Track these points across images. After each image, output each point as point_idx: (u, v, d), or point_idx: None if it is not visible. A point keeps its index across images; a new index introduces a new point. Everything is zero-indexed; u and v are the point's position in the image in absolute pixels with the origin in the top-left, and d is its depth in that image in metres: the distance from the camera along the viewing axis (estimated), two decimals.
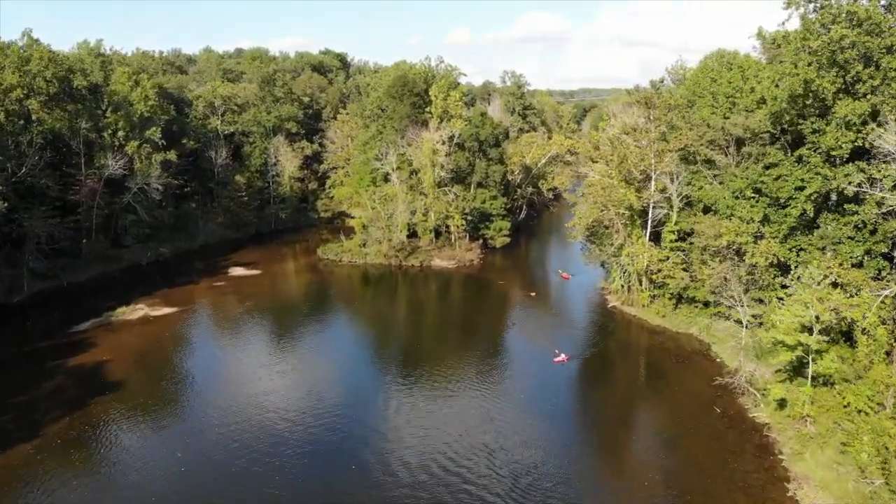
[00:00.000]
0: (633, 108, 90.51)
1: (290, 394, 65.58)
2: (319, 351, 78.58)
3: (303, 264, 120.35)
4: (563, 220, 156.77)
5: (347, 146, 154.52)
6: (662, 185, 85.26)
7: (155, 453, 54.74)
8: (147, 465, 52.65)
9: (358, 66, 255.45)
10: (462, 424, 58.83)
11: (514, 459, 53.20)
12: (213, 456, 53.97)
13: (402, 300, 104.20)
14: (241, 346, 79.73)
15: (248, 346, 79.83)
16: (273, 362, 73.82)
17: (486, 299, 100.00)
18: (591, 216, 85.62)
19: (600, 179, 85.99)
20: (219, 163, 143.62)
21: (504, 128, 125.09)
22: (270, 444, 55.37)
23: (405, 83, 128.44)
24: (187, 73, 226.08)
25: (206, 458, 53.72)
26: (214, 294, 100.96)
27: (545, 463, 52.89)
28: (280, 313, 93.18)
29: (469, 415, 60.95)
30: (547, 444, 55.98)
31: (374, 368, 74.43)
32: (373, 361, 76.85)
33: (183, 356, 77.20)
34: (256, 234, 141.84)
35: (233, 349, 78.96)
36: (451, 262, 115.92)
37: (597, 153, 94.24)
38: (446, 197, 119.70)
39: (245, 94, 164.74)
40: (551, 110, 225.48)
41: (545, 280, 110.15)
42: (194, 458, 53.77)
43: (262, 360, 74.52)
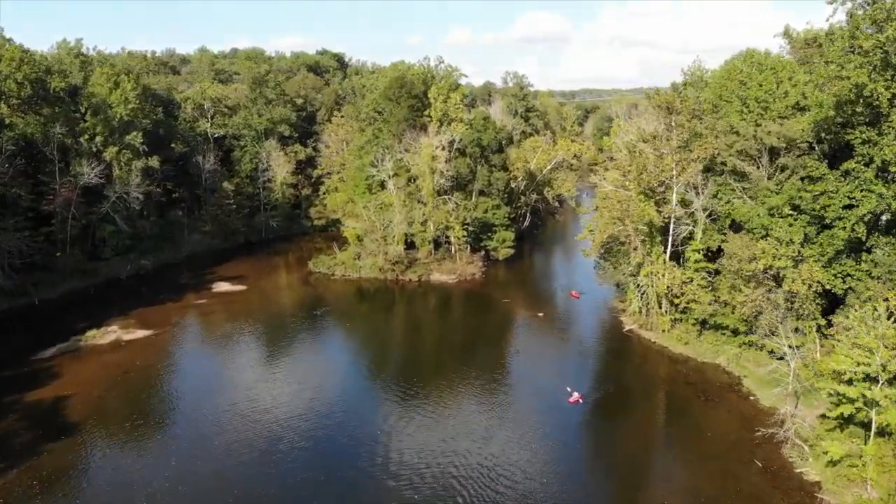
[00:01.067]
0: (647, 112, 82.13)
1: (272, 442, 56.75)
2: (303, 386, 69.52)
3: (293, 278, 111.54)
4: (568, 229, 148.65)
5: (343, 150, 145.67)
6: (682, 197, 76.57)
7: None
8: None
9: (355, 66, 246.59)
10: (460, 488, 50.09)
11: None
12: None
13: (397, 321, 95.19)
14: (217, 380, 70.87)
15: (226, 379, 70.97)
16: (252, 398, 64.97)
17: (489, 320, 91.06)
18: (607, 232, 76.77)
19: (616, 192, 77.19)
20: (207, 168, 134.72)
21: (507, 132, 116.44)
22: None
23: (402, 85, 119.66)
24: (180, 73, 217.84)
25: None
26: (194, 314, 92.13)
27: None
28: (264, 337, 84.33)
29: (465, 469, 52.17)
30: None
31: (359, 412, 65.42)
32: (360, 400, 67.83)
33: (150, 393, 68.15)
34: (246, 244, 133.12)
35: (209, 384, 70.05)
36: (452, 277, 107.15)
37: (612, 162, 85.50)
38: (446, 206, 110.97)
39: (236, 95, 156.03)
40: (554, 112, 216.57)
41: (553, 297, 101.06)
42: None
43: (241, 395, 65.70)
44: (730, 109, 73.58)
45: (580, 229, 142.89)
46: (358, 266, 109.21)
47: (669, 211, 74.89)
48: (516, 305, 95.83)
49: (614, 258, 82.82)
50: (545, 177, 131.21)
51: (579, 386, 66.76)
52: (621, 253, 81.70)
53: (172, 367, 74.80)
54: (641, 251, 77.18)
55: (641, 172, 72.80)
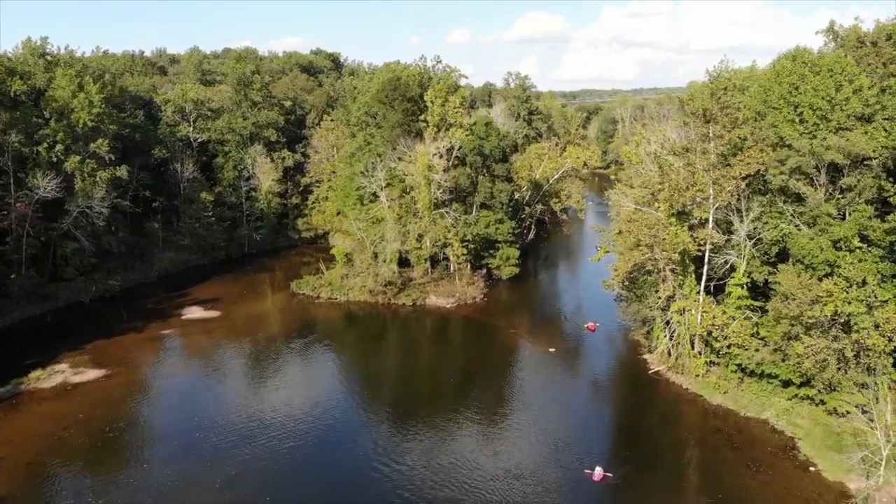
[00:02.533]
0: (667, 117, 69.89)
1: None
2: (269, 453, 57.32)
3: (273, 301, 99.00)
4: (577, 243, 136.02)
5: (333, 157, 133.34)
6: (720, 220, 64.49)
7: None
8: None
9: (351, 66, 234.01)
10: None
11: None
12: None
13: (386, 356, 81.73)
14: (171, 439, 58.57)
15: (182, 437, 58.63)
16: (217, 461, 52.77)
17: (492, 357, 78.31)
18: (632, 261, 64.47)
19: (642, 213, 64.97)
20: (185, 177, 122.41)
21: (512, 139, 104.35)
22: None
23: (396, 87, 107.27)
24: (167, 73, 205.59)
25: None
26: (156, 349, 79.77)
27: None
28: (232, 382, 71.74)
29: None
30: None
31: (332, 482, 53.17)
32: (336, 464, 55.53)
33: (90, 459, 55.92)
34: (226, 260, 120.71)
35: (163, 446, 57.83)
36: (450, 300, 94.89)
37: (636, 178, 73.46)
38: (444, 221, 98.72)
39: (219, 97, 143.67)
40: (558, 114, 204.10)
41: (565, 328, 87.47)
42: None
43: (200, 460, 53.51)
44: (778, 118, 61.25)
45: (590, 243, 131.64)
46: (346, 288, 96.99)
47: (705, 236, 62.69)
48: (523, 337, 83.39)
49: (639, 289, 70.58)
50: (552, 187, 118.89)
51: (599, 445, 55.30)
52: (647, 284, 69.49)
53: (119, 422, 62.13)
54: (672, 283, 65.01)
55: (675, 192, 60.52)
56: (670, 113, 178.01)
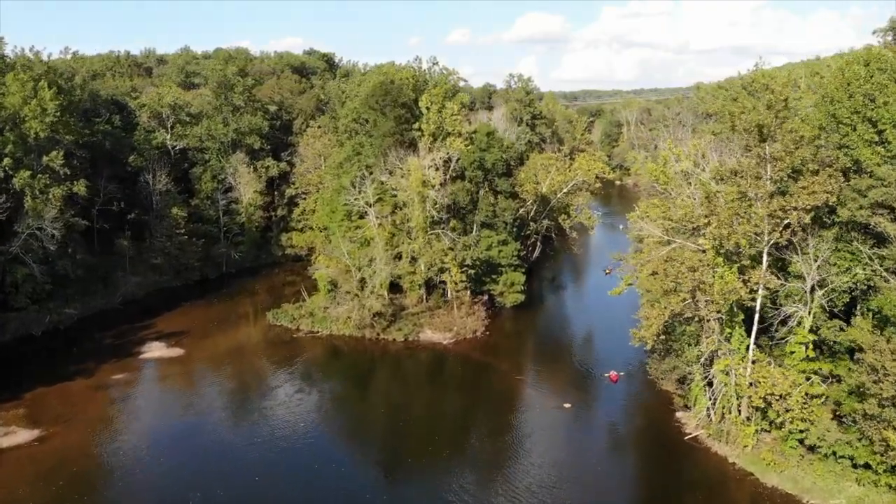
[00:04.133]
0: (695, 128, 57.64)
1: None
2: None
3: (246, 336, 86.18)
4: (585, 261, 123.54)
5: (321, 166, 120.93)
6: (775, 259, 52.30)
7: None
8: None
9: (346, 67, 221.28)
10: None
11: None
12: None
13: (370, 410, 67.81)
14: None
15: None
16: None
17: (494, 410, 65.64)
18: (669, 310, 52.12)
19: (685, 251, 52.67)
20: (158, 189, 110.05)
21: (516, 150, 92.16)
22: None
23: (388, 91, 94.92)
24: (152, 75, 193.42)
25: None
26: (103, 401, 67.11)
27: None
28: (185, 451, 58.96)
29: None
30: None
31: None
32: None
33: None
34: (201, 281, 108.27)
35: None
36: (447, 335, 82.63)
37: (666, 201, 61.24)
38: (440, 243, 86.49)
39: (199, 101, 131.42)
40: (562, 118, 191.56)
41: (581, 375, 73.94)
42: None
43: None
44: (852, 137, 48.99)
45: (599, 262, 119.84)
46: (329, 320, 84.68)
47: (758, 280, 50.40)
48: (531, 386, 70.58)
49: (675, 341, 58.22)
50: (560, 201, 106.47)
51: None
52: (686, 335, 57.17)
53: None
54: (717, 336, 52.80)
55: (726, 228, 48.20)
56: (680, 117, 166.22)
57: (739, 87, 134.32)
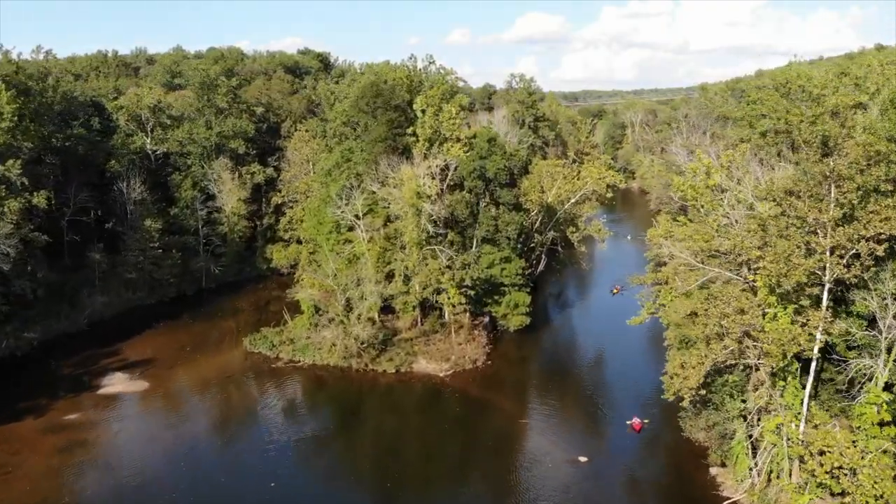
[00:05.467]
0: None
1: None
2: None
3: (219, 365, 75.98)
4: (592, 275, 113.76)
5: (309, 172, 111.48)
6: (835, 296, 42.87)
7: None
8: None
9: (342, 67, 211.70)
10: None
11: None
12: None
13: (353, 461, 58.11)
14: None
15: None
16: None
17: (496, 462, 56.02)
18: (712, 359, 42.65)
19: (731, 288, 43.22)
20: (133, 197, 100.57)
21: (521, 158, 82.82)
22: None
23: (379, 93, 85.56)
24: (139, 75, 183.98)
25: None
26: (48, 452, 57.27)
27: None
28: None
29: None
30: None
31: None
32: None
33: None
34: (178, 298, 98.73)
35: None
36: (444, 365, 73.23)
37: (710, 233, 51.79)
38: (436, 260, 77.14)
39: (181, 103, 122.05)
40: (565, 120, 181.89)
41: (594, 415, 64.35)
42: None
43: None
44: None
45: (607, 275, 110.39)
46: (312, 348, 75.26)
47: (818, 323, 41.03)
48: (540, 433, 60.54)
49: (715, 392, 48.61)
50: (568, 212, 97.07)
51: None
52: (728, 386, 47.65)
53: None
54: (767, 389, 43.45)
55: (784, 264, 38.81)
56: (689, 119, 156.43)
57: (754, 87, 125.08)
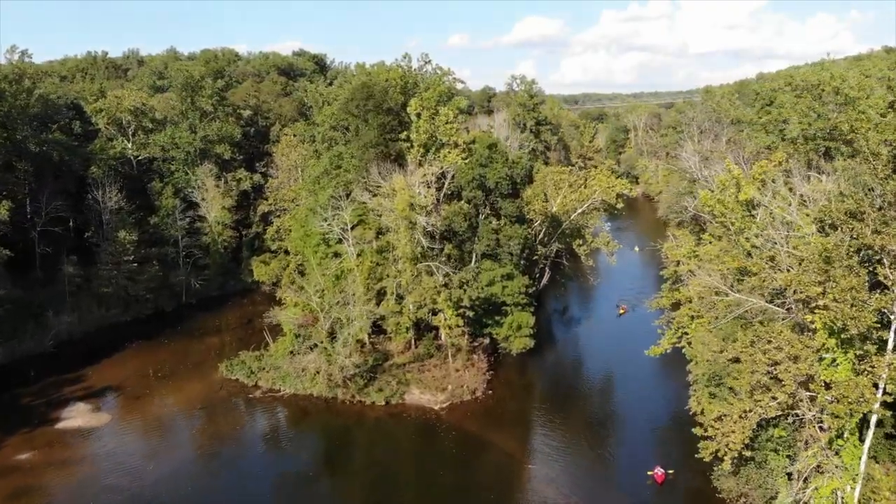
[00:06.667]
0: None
1: None
2: None
3: (190, 395, 67.98)
4: (598, 289, 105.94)
5: (298, 179, 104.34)
6: None
7: None
8: None
9: (338, 69, 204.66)
10: None
11: None
12: None
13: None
14: None
15: None
16: None
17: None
18: (761, 411, 35.36)
19: (782, 329, 35.95)
20: (109, 206, 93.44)
21: (524, 166, 75.63)
22: None
23: (370, 95, 78.38)
24: (128, 77, 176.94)
25: None
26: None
27: None
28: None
29: None
30: None
31: None
32: None
33: None
34: (155, 315, 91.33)
35: None
36: (439, 396, 65.76)
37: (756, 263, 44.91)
38: (432, 278, 69.93)
39: (164, 106, 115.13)
40: (567, 124, 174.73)
41: (609, 461, 56.15)
42: None
43: None
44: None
45: (614, 288, 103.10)
46: (293, 376, 67.89)
47: (885, 371, 33.85)
48: (548, 480, 52.76)
49: (759, 449, 41.16)
50: (574, 223, 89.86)
51: None
52: (772, 441, 40.31)
53: None
54: (821, 446, 36.24)
55: (851, 303, 31.63)
56: (696, 122, 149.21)
57: (770, 90, 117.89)
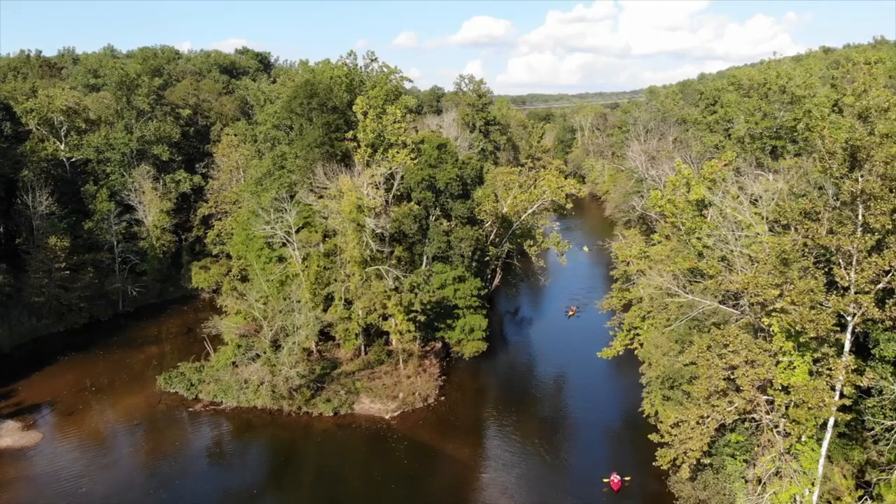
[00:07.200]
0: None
1: None
2: None
3: (127, 409, 63.93)
4: (548, 288, 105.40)
5: (240, 180, 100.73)
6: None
7: None
8: None
9: (282, 67, 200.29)
10: None
11: None
12: None
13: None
14: None
15: None
16: None
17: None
18: (718, 417, 34.52)
19: (737, 332, 35.13)
20: (40, 211, 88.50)
21: (475, 167, 74.20)
22: None
23: (314, 92, 75.84)
24: (62, 76, 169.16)
25: None
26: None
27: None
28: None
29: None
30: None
31: None
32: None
33: None
34: (90, 324, 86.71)
35: None
36: (390, 405, 63.61)
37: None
38: (381, 282, 67.87)
39: (98, 106, 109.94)
40: (517, 124, 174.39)
41: (565, 467, 54.57)
42: None
43: None
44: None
45: (565, 289, 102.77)
46: (236, 388, 64.83)
47: (841, 374, 33.36)
48: (504, 490, 51.08)
49: (715, 454, 40.49)
50: (525, 223, 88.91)
51: None
52: (730, 447, 39.60)
53: None
54: (779, 448, 35.59)
55: (807, 306, 30.95)
56: (640, 122, 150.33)
57: (714, 89, 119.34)
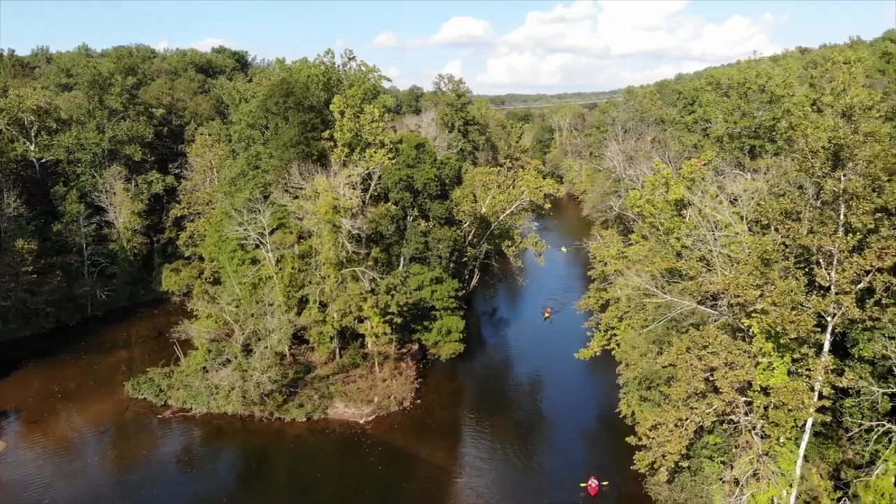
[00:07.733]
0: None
1: None
2: None
3: (94, 416, 61.94)
4: (526, 288, 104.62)
5: (213, 180, 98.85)
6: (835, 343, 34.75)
7: None
8: None
9: (259, 67, 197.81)
10: None
11: None
12: None
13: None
14: None
15: None
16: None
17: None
18: (697, 419, 33.84)
19: (716, 333, 34.45)
20: (7, 213, 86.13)
21: (454, 167, 73.09)
22: None
23: (290, 91, 74.37)
24: (35, 76, 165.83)
25: None
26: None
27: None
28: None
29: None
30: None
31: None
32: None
33: None
34: (57, 329, 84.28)
35: None
36: (365, 409, 62.35)
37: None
38: (357, 284, 66.61)
39: (70, 106, 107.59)
40: (495, 124, 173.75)
41: (542, 471, 53.53)
42: None
43: None
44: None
45: (543, 289, 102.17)
46: (206, 393, 63.11)
47: (820, 375, 32.77)
48: (478, 495, 49.98)
49: (693, 456, 39.79)
50: (503, 224, 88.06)
51: None
52: (708, 449, 38.91)
53: None
54: (757, 450, 34.94)
55: (787, 307, 30.31)
56: (618, 122, 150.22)
57: (692, 88, 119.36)
